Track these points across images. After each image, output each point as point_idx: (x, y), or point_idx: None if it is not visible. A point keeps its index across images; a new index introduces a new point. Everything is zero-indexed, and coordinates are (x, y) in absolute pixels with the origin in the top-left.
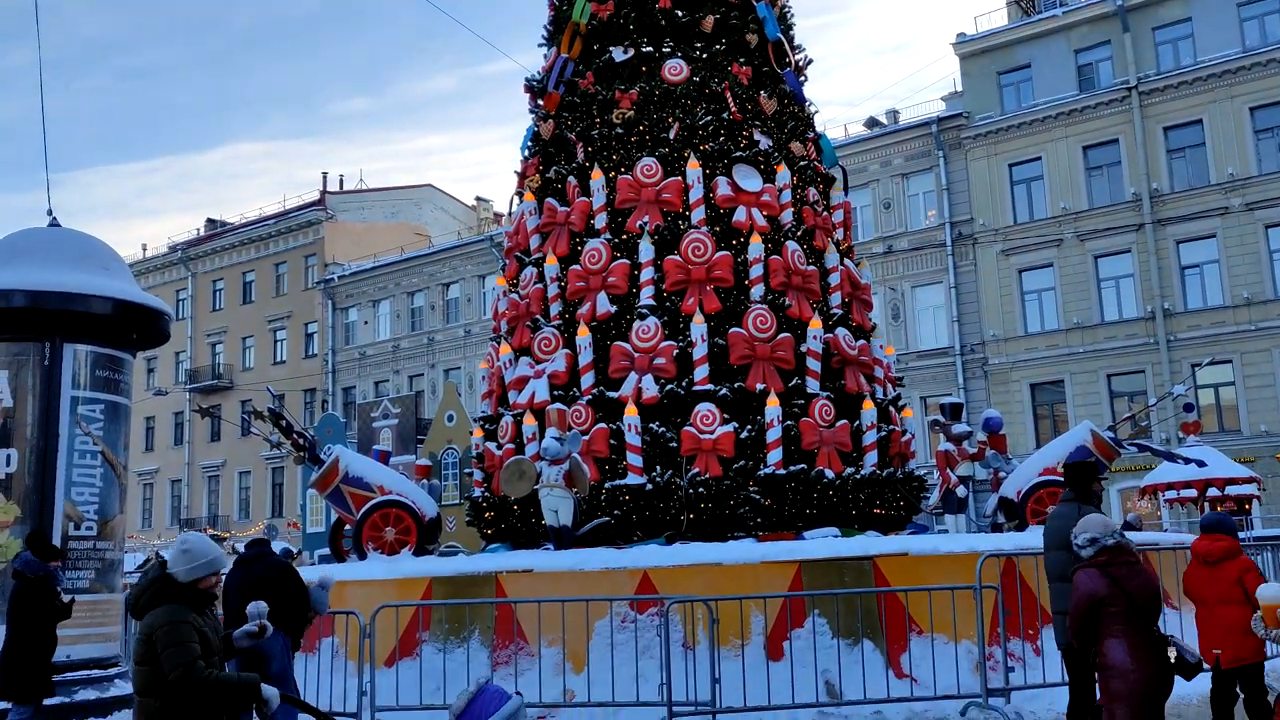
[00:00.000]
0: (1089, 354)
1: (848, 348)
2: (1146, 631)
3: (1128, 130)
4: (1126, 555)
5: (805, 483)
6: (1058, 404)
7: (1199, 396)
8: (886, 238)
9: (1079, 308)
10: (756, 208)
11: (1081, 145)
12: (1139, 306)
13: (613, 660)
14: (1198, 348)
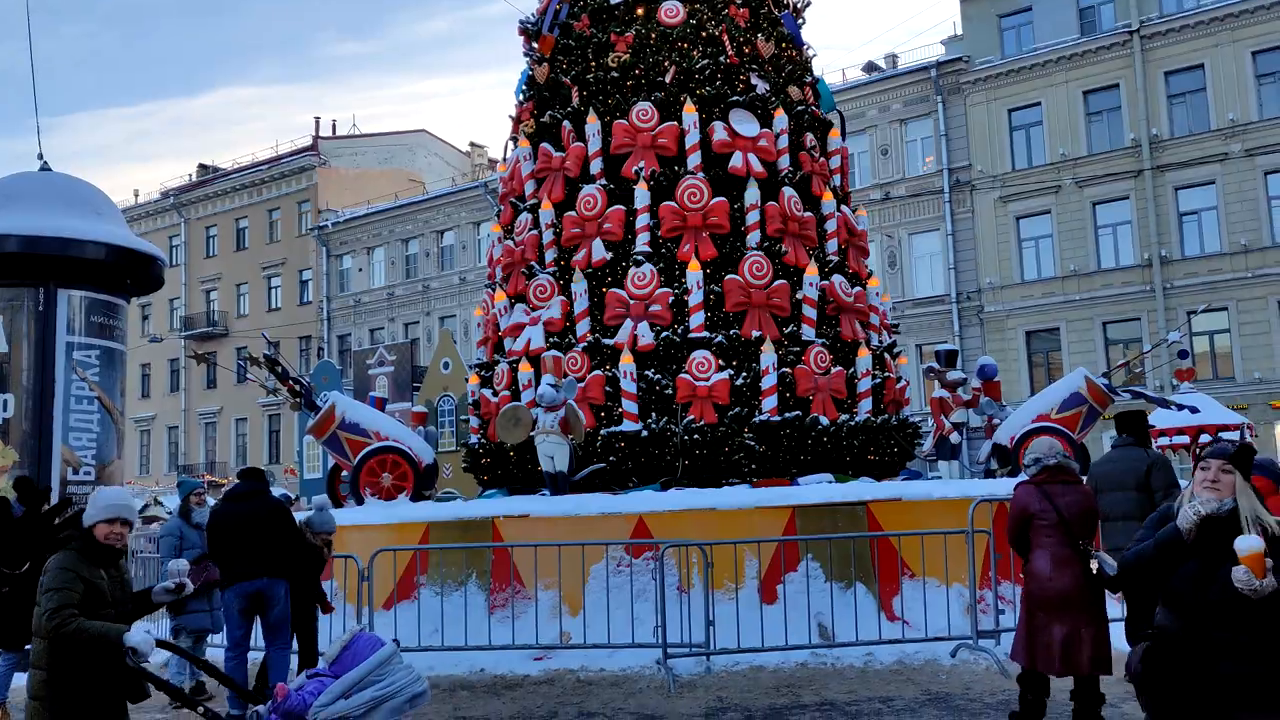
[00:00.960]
0: (1085, 301)
1: (844, 295)
2: (1072, 545)
3: (1128, 75)
4: (1064, 475)
5: (800, 429)
6: (1053, 351)
7: (1194, 344)
8: (884, 184)
9: (1076, 255)
10: (753, 153)
11: (1082, 90)
12: (1136, 254)
13: (608, 603)
14: (1194, 295)
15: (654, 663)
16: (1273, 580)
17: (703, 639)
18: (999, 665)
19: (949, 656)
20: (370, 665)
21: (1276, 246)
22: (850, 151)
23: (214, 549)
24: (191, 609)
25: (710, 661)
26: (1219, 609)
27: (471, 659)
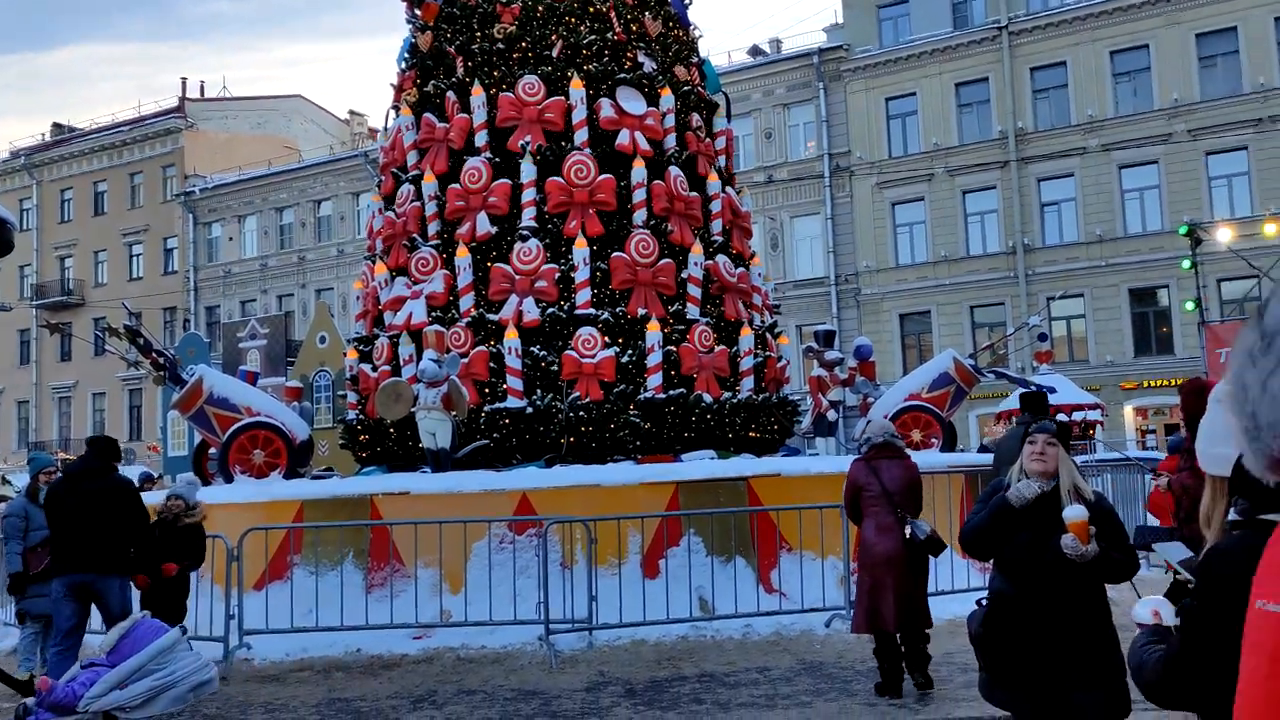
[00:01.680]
0: (954, 286)
1: (728, 275)
2: (893, 514)
3: (997, 69)
4: (889, 451)
5: (684, 407)
6: (924, 333)
7: (1052, 328)
8: (767, 167)
9: (946, 241)
10: (640, 131)
11: (954, 82)
12: (1002, 241)
13: (490, 580)
14: (1053, 282)
15: (536, 639)
16: (1095, 546)
17: (585, 614)
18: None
19: (823, 626)
20: (149, 654)
21: (1129, 237)
22: (735, 134)
23: (50, 531)
24: (33, 593)
25: (592, 636)
26: (1051, 573)
27: (347, 639)
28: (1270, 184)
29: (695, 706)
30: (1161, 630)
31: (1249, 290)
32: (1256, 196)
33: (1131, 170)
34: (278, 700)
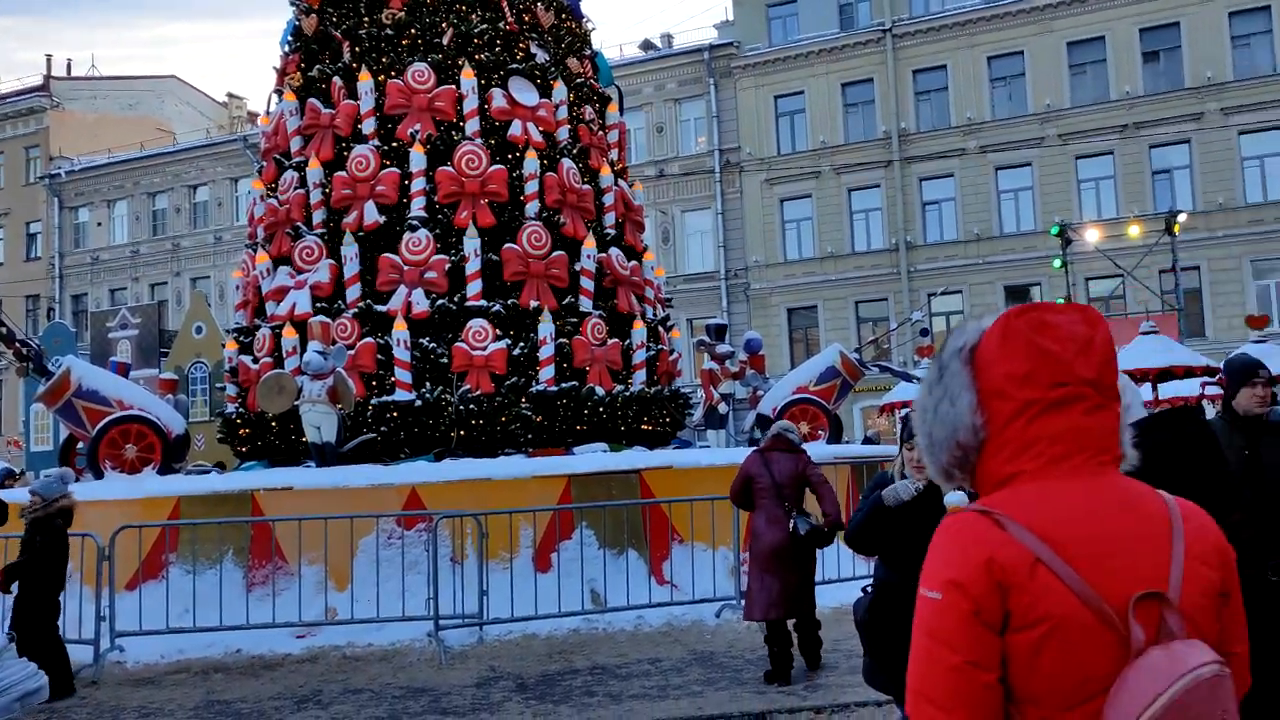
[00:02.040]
0: (840, 282)
1: (620, 268)
2: (781, 506)
3: (882, 71)
4: (782, 445)
5: (576, 399)
6: (811, 328)
7: (933, 323)
8: (659, 161)
9: (833, 238)
10: (532, 122)
11: (840, 82)
12: (885, 239)
13: (378, 577)
14: (934, 278)
15: (425, 635)
16: None
17: (476, 609)
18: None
19: (714, 617)
20: None
21: (1004, 236)
22: (627, 127)
23: None
24: None
25: (483, 632)
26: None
27: (227, 639)
28: (1134, 187)
29: (587, 699)
30: None
31: (1115, 288)
32: (1121, 199)
33: (1007, 172)
34: (152, 704)
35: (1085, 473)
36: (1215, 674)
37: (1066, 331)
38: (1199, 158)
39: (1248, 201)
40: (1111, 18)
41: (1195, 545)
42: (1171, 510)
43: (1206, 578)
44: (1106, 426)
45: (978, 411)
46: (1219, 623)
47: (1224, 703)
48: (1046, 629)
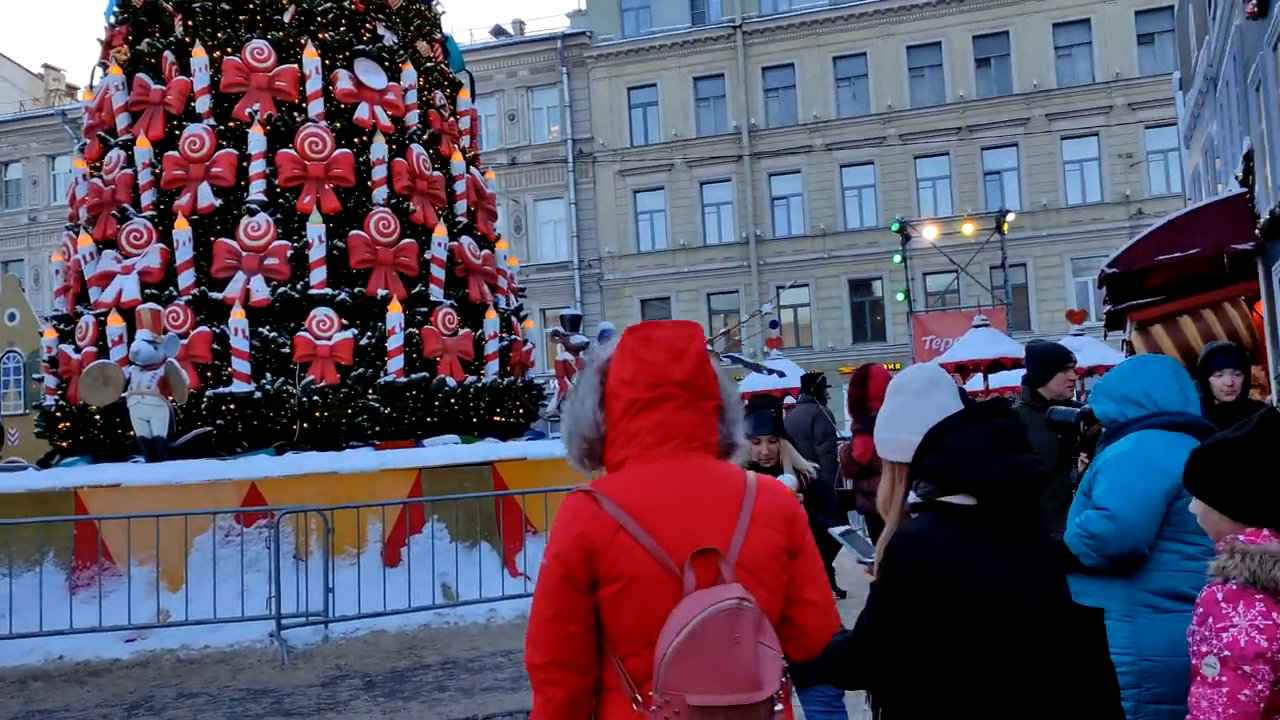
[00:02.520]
0: (693, 273)
1: (472, 257)
2: None
3: (732, 66)
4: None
5: (427, 391)
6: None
7: (781, 315)
8: (510, 149)
9: (685, 230)
10: (380, 106)
11: (692, 76)
12: (736, 232)
13: (215, 576)
14: (782, 271)
15: (266, 635)
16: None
17: (321, 607)
18: None
19: None
20: None
21: (849, 232)
22: (479, 114)
23: None
24: None
25: (329, 630)
26: None
27: (48, 645)
28: (967, 187)
29: (438, 694)
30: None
31: (950, 283)
32: (956, 198)
33: (851, 169)
34: None
35: (673, 456)
36: (734, 606)
37: (664, 344)
38: (1026, 161)
39: (1069, 203)
40: (947, 24)
41: (762, 513)
42: (748, 485)
43: (771, 539)
44: (695, 420)
45: (599, 411)
46: (786, 574)
47: (739, 629)
48: (625, 583)
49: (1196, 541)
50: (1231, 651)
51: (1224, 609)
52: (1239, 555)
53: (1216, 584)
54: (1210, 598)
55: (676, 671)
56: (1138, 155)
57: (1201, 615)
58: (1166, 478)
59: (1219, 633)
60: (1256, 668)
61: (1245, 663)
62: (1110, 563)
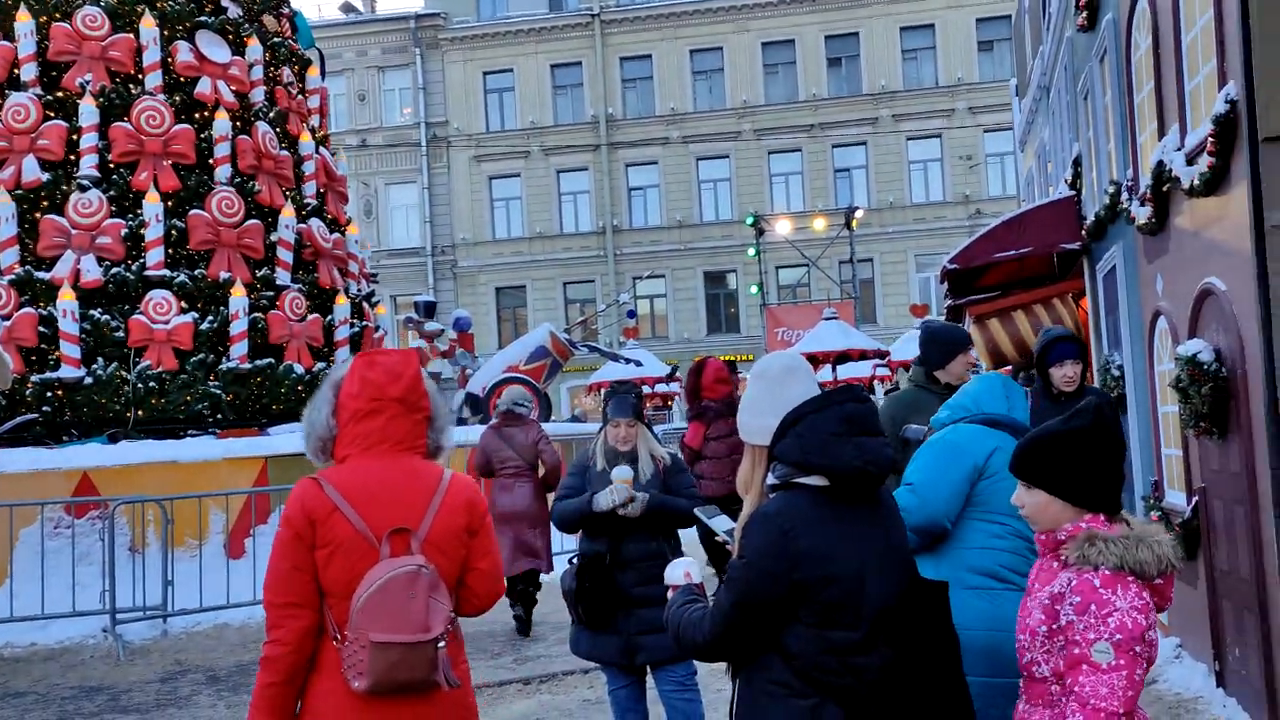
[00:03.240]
0: (549, 262)
1: (322, 240)
2: (527, 474)
3: (590, 55)
4: (513, 420)
5: (272, 378)
6: (519, 307)
7: (638, 306)
8: (361, 130)
9: (542, 218)
10: (224, 80)
11: (550, 63)
12: (593, 221)
13: (43, 570)
14: (639, 262)
15: (100, 631)
16: (639, 503)
17: (159, 601)
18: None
19: None
20: None
21: (705, 224)
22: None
23: None
24: None
25: (168, 625)
26: (629, 530)
27: None
28: (819, 184)
29: None
30: (692, 589)
31: (801, 276)
32: (808, 194)
33: (707, 163)
34: None
35: (385, 456)
36: (413, 571)
37: (385, 368)
38: (874, 159)
39: (913, 201)
40: (800, 22)
41: (449, 501)
42: (442, 479)
43: (455, 521)
44: (406, 428)
45: (332, 418)
46: (465, 549)
47: (415, 588)
48: (334, 548)
49: (1004, 520)
50: (1123, 635)
51: (1104, 595)
52: (1101, 542)
53: (1088, 572)
54: (1086, 585)
55: (364, 616)
56: (977, 157)
57: (1081, 604)
58: (969, 458)
59: (1104, 619)
60: (1144, 647)
61: (1136, 643)
62: (914, 534)
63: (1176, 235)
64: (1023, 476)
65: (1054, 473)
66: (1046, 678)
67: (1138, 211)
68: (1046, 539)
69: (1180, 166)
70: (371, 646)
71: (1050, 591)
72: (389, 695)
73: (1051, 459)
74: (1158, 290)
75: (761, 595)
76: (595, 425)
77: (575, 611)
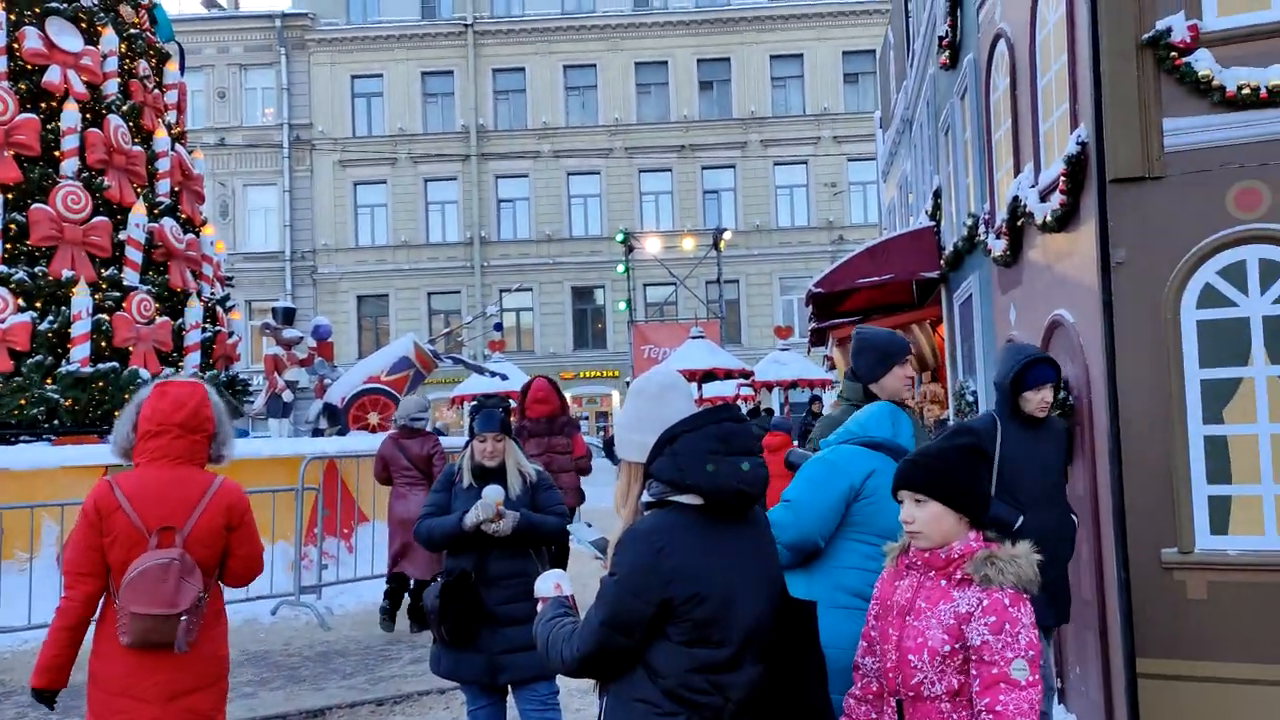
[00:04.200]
0: (414, 271)
1: (174, 240)
2: (421, 483)
3: (462, 64)
4: (410, 432)
5: (116, 383)
6: (382, 317)
7: (504, 318)
8: (219, 129)
9: (407, 227)
10: (74, 70)
11: (421, 71)
12: (461, 232)
13: None
14: (507, 274)
15: None
16: (509, 521)
17: None
18: (319, 619)
19: (270, 615)
20: None
21: (573, 239)
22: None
23: None
24: None
25: None
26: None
27: None
28: (688, 204)
29: None
30: (562, 601)
31: (669, 295)
32: (677, 213)
33: (578, 178)
34: None
35: (165, 467)
36: (163, 562)
37: (172, 398)
38: (742, 182)
39: (779, 225)
40: (673, 45)
41: (213, 504)
42: (210, 486)
43: (215, 521)
44: (186, 446)
45: (132, 432)
46: (224, 541)
47: (168, 574)
48: (114, 538)
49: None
50: (1033, 651)
51: (1014, 613)
52: (1000, 561)
53: (996, 591)
54: (999, 605)
55: (128, 592)
56: (840, 185)
57: (996, 624)
58: (846, 478)
59: (1017, 636)
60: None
61: (1039, 659)
62: (788, 551)
63: (1029, 268)
64: (918, 489)
65: (951, 486)
66: (938, 696)
67: (993, 244)
68: (931, 557)
69: (1034, 203)
70: (131, 616)
71: (954, 610)
72: (146, 648)
73: (948, 472)
74: (1011, 320)
75: (631, 613)
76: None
77: (438, 630)
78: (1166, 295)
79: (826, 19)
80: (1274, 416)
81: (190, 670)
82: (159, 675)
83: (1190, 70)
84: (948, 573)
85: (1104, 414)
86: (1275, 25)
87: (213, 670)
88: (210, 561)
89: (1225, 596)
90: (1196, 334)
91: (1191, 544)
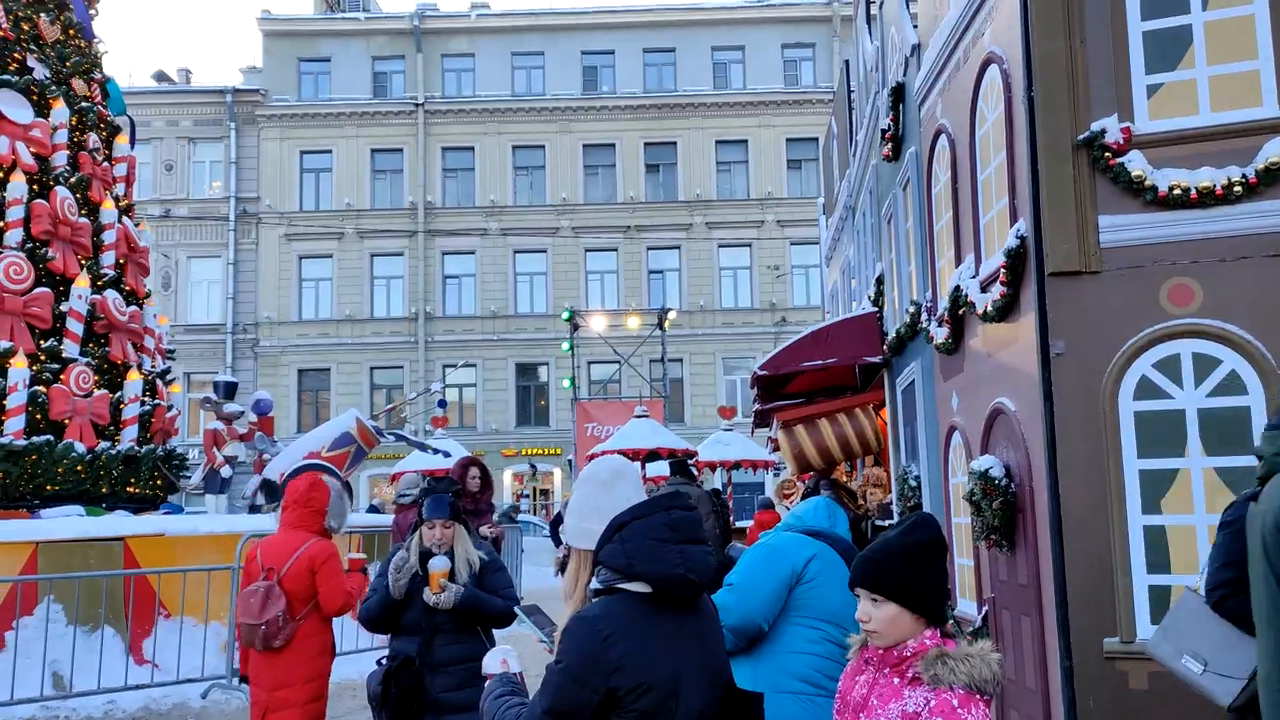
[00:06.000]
0: (357, 346)
1: (117, 313)
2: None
3: (412, 142)
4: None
5: (50, 456)
6: (323, 391)
7: (447, 394)
8: (165, 201)
9: (352, 301)
10: (23, 141)
11: (370, 147)
12: (405, 307)
13: None
14: (451, 350)
15: None
16: (452, 595)
17: None
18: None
19: (200, 698)
20: None
21: (519, 316)
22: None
23: None
24: None
25: None
26: (439, 631)
27: None
28: (633, 283)
29: None
30: (510, 678)
31: (613, 373)
32: (622, 293)
33: (525, 256)
34: None
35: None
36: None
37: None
38: (687, 263)
39: (723, 306)
40: (621, 128)
41: (304, 555)
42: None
43: (301, 567)
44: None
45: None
46: (311, 581)
47: (257, 596)
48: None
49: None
50: None
51: (962, 714)
52: (953, 660)
53: (944, 692)
54: (947, 706)
55: (238, 607)
56: (784, 268)
57: None
58: (788, 562)
59: None
60: None
61: None
62: (731, 634)
63: (971, 356)
64: (873, 589)
65: (906, 586)
66: None
67: (936, 331)
68: (885, 654)
69: (975, 293)
70: (239, 623)
71: (902, 710)
72: (248, 647)
73: (903, 572)
74: (953, 406)
75: (575, 701)
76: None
77: (379, 716)
78: (1105, 386)
79: (771, 107)
80: (1211, 507)
81: (288, 672)
82: (264, 672)
83: (1124, 170)
84: (900, 670)
85: (1045, 502)
86: (1204, 129)
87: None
88: (302, 593)
89: (1165, 687)
90: (1135, 425)
91: (1133, 634)
